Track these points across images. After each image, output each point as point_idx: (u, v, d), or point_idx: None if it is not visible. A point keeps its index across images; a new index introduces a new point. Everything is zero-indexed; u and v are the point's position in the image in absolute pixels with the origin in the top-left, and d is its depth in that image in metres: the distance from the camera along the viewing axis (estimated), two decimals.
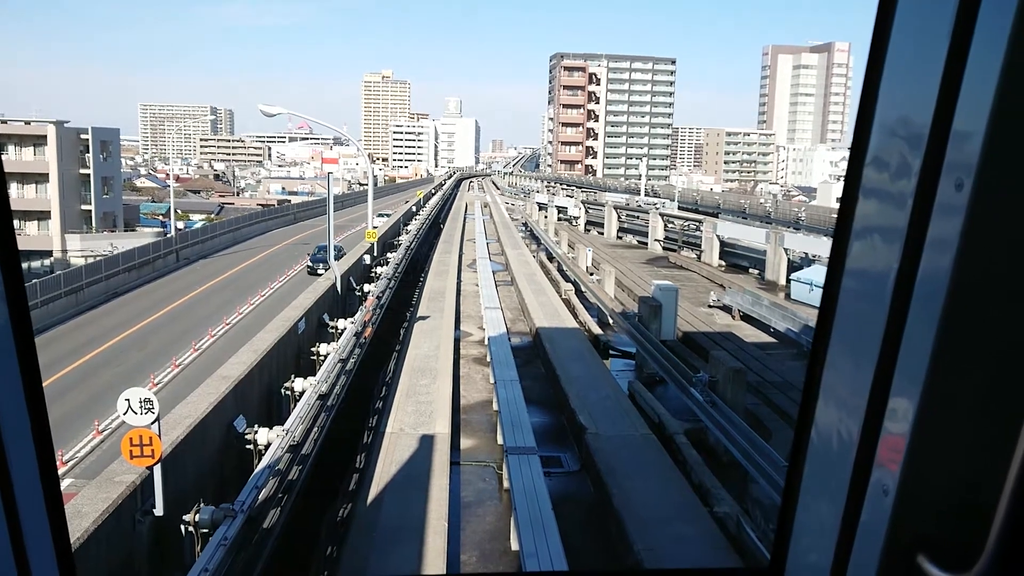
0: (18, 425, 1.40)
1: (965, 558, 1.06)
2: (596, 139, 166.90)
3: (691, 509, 12.60)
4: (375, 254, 31.17)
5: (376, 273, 28.47)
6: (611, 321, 29.28)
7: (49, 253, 58.00)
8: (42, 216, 60.86)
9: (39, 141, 60.62)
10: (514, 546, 11.93)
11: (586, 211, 75.67)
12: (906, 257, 1.21)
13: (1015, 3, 1.02)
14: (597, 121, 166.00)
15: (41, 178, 60.74)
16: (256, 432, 11.80)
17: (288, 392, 14.60)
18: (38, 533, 1.47)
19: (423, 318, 25.59)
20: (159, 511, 8.53)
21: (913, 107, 1.20)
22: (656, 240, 58.80)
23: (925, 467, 1.24)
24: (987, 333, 1.16)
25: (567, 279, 38.43)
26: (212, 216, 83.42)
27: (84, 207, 63.92)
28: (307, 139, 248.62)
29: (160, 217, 76.17)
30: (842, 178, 1.50)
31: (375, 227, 32.90)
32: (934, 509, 1.26)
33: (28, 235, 59.98)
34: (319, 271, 36.75)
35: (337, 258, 24.53)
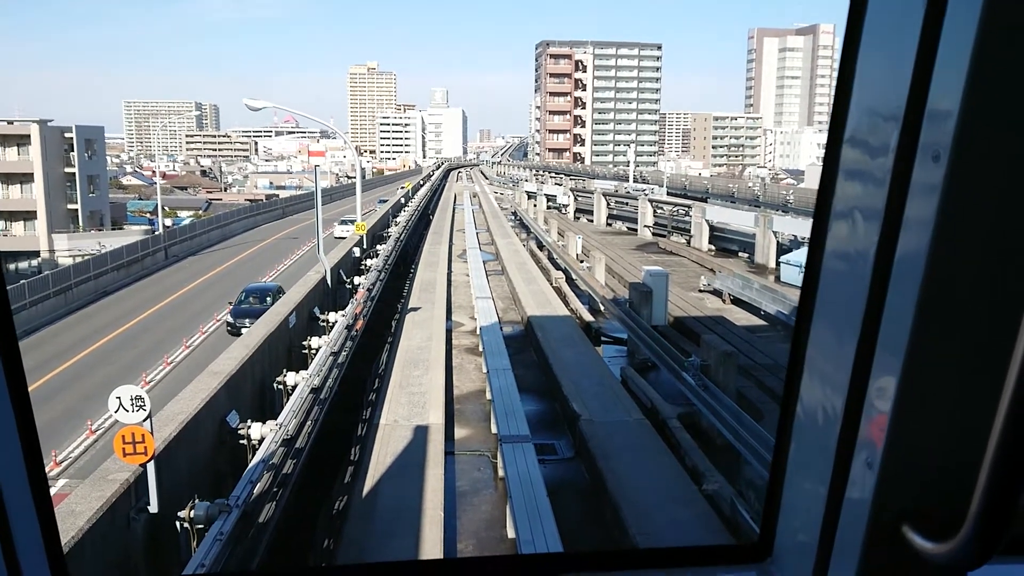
0: (4, 426, 1.39)
1: (948, 527, 1.07)
2: (584, 126, 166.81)
3: (686, 492, 12.67)
4: (364, 247, 31.11)
5: (366, 265, 28.41)
6: (602, 308, 29.33)
7: (36, 253, 57.69)
8: (28, 216, 60.48)
9: (23, 141, 60.15)
10: (510, 534, 11.98)
11: (575, 199, 75.65)
12: (885, 234, 1.22)
13: None
14: (584, 108, 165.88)
15: (26, 178, 60.32)
16: (249, 427, 11.78)
17: (280, 386, 14.57)
18: (28, 534, 1.46)
19: (414, 309, 25.57)
20: (154, 508, 8.52)
21: (888, 86, 1.20)
22: (646, 226, 58.87)
23: (908, 440, 1.26)
24: (965, 307, 1.17)
25: (557, 267, 38.46)
26: (200, 212, 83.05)
27: (70, 206, 63.53)
28: (293, 133, 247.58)
29: (147, 215, 75.75)
30: None
31: (362, 220, 32.84)
32: (917, 481, 1.28)
33: (15, 236, 59.65)
34: (242, 328, 22.66)
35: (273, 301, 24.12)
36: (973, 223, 1.12)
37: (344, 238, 37.60)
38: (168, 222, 64.52)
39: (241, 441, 11.76)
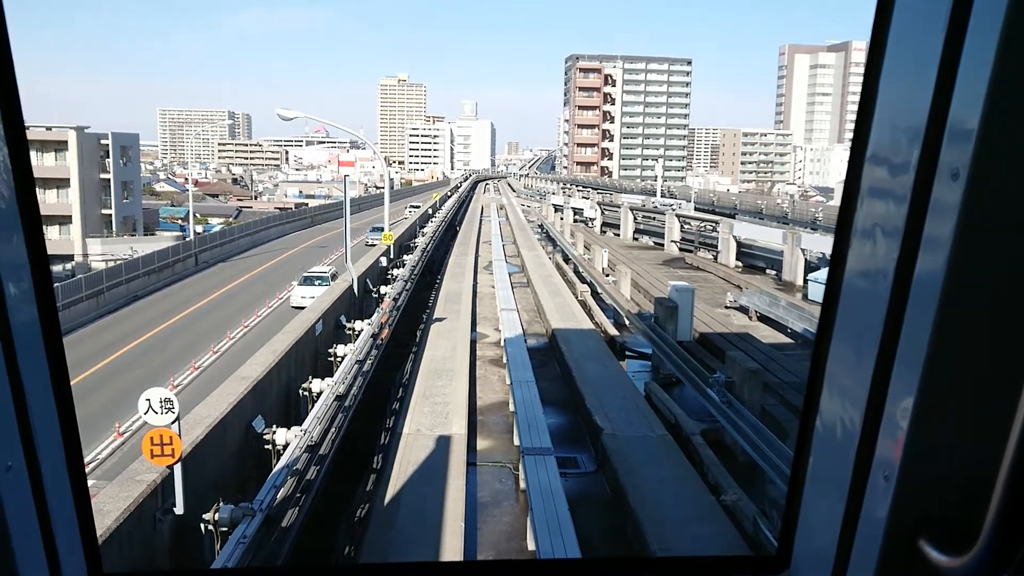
0: (48, 425, 1.44)
1: (964, 541, 1.09)
2: (612, 140, 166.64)
3: (708, 509, 12.58)
4: (391, 256, 31.31)
5: (392, 275, 28.59)
6: (627, 322, 29.23)
7: (71, 257, 58.59)
8: (63, 220, 61.50)
9: (60, 147, 61.26)
10: (530, 546, 11.95)
11: (602, 212, 75.50)
12: (904, 251, 1.24)
13: (1005, 3, 1.05)
14: (613, 122, 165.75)
15: (62, 183, 61.37)
16: (274, 432, 11.90)
17: (306, 393, 14.70)
18: (67, 529, 1.52)
19: (439, 320, 25.66)
20: (179, 510, 8.63)
21: (910, 105, 1.23)
22: (672, 241, 58.60)
23: (924, 455, 1.27)
24: (982, 325, 1.19)
25: (583, 280, 38.41)
26: (230, 220, 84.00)
27: (104, 211, 64.54)
28: (324, 143, 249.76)
29: (179, 221, 76.76)
30: None
31: (392, 228, 33.03)
32: (934, 496, 1.29)
33: (50, 239, 60.57)
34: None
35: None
36: (991, 242, 1.14)
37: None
38: (199, 228, 65.34)
39: (266, 446, 11.88)
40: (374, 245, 33.88)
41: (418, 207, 60.23)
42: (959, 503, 1.28)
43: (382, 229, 38.30)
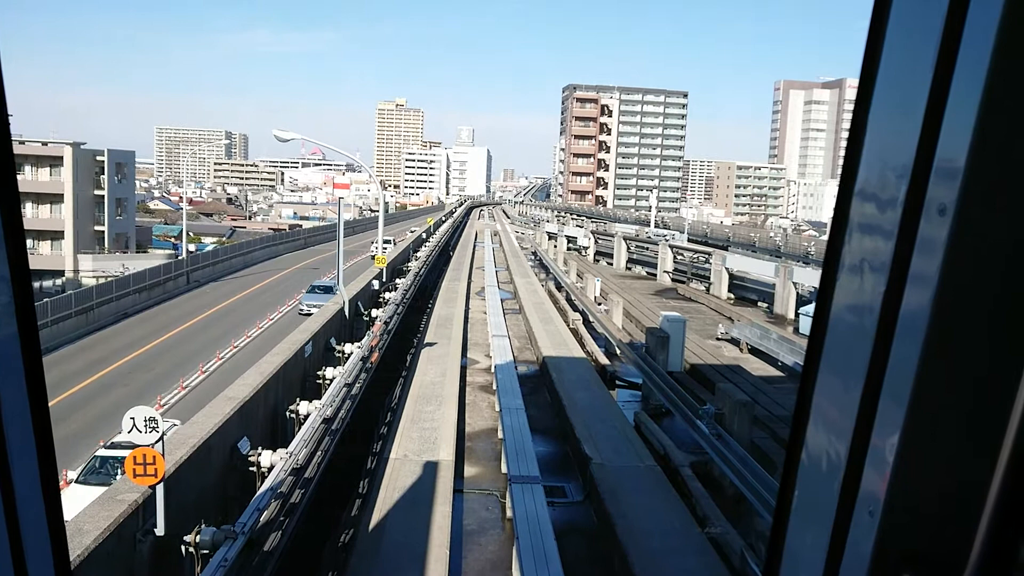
0: (23, 440, 1.42)
1: (949, 574, 1.08)
2: (607, 170, 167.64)
3: (695, 542, 12.48)
4: (383, 279, 31.28)
5: (384, 298, 28.54)
6: (618, 351, 29.21)
7: (61, 273, 58.40)
8: (55, 236, 61.38)
9: (55, 162, 61.30)
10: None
11: (596, 241, 75.78)
12: (891, 287, 1.24)
13: (993, 39, 1.06)
14: (608, 152, 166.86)
15: (56, 198, 61.34)
16: (260, 454, 11.80)
17: (293, 415, 14.60)
18: (39, 549, 1.49)
19: (430, 344, 25.59)
20: (160, 531, 8.52)
21: (898, 140, 1.24)
22: (665, 271, 58.79)
23: (909, 490, 1.27)
24: (968, 361, 1.19)
25: (575, 308, 38.42)
26: (223, 239, 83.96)
27: (97, 228, 64.48)
28: (320, 165, 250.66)
29: (172, 239, 76.67)
30: None
31: (385, 251, 33.05)
32: (918, 531, 1.28)
33: (41, 254, 60.45)
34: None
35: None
36: (977, 278, 1.14)
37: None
38: (192, 247, 65.26)
39: (251, 468, 11.77)
40: (309, 314, 28.09)
41: (415, 231, 60.54)
42: (945, 539, 1.27)
43: (328, 289, 36.31)
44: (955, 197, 1.12)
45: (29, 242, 61.31)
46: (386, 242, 50.82)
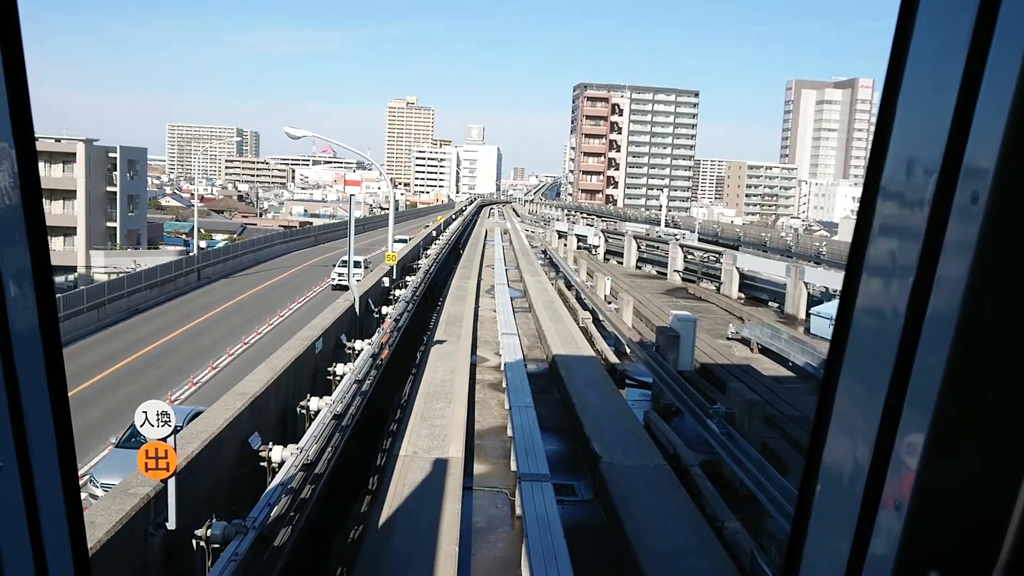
0: (43, 433, 1.42)
1: None
2: (617, 169, 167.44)
3: (705, 542, 12.45)
4: (394, 277, 31.32)
5: (395, 296, 28.58)
6: (628, 350, 29.16)
7: (73, 268, 58.73)
8: (68, 232, 61.73)
9: (68, 158, 61.63)
10: (525, 574, 11.81)
11: (606, 240, 75.69)
12: (917, 288, 1.22)
13: None
14: (619, 151, 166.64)
15: (69, 195, 61.68)
16: (270, 449, 11.82)
17: (303, 411, 14.63)
18: (57, 538, 1.49)
19: (440, 342, 25.61)
20: (171, 525, 8.54)
21: (926, 138, 1.22)
22: (675, 271, 58.66)
23: (934, 495, 1.25)
24: (995, 364, 1.17)
25: (585, 307, 38.38)
26: (234, 236, 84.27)
27: (109, 224, 64.81)
28: (331, 163, 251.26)
29: (183, 236, 77.02)
30: None
31: (395, 248, 33.10)
32: (943, 536, 1.26)
33: (54, 250, 60.70)
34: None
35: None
36: (1006, 280, 1.12)
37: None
38: (203, 244, 65.51)
39: (261, 463, 11.80)
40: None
41: (427, 227, 60.92)
42: (969, 545, 1.25)
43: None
44: (985, 196, 1.10)
45: None
46: (402, 241, 51.48)
